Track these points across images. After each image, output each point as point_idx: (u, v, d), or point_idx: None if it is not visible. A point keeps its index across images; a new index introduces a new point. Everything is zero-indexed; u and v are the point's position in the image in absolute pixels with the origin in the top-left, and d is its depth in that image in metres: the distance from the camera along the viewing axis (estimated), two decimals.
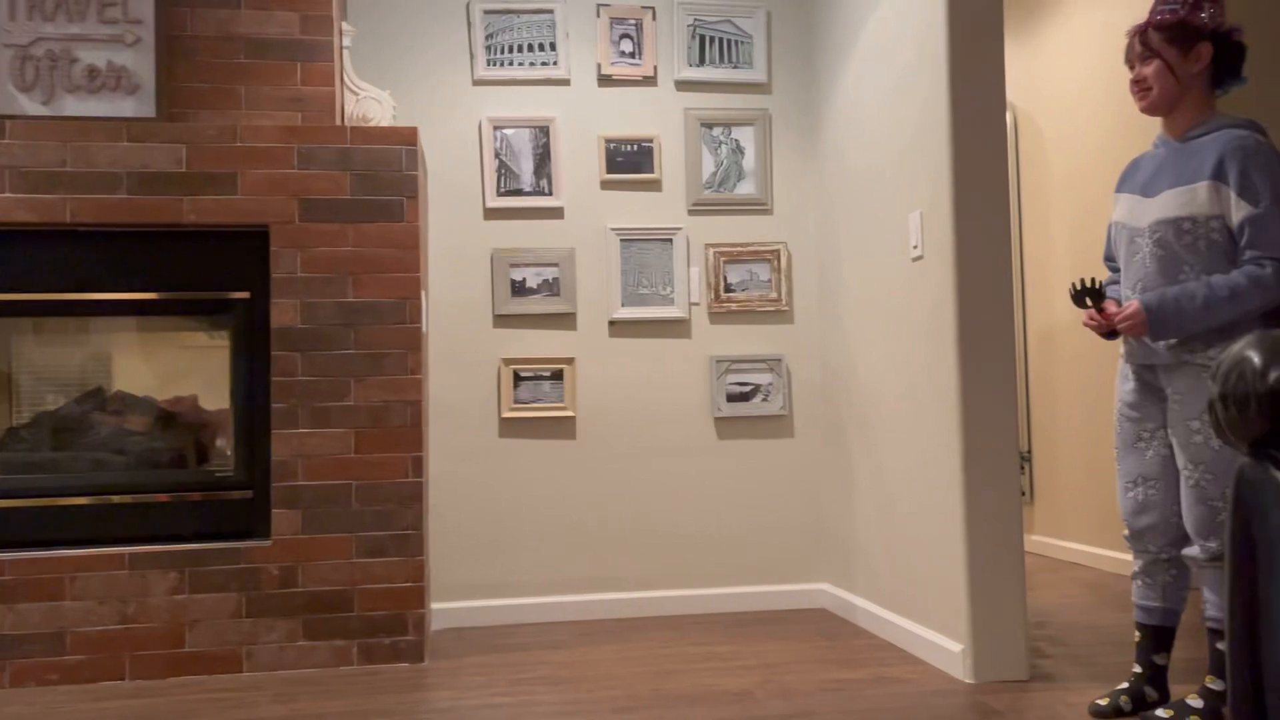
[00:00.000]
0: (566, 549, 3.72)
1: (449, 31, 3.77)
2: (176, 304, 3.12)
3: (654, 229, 3.80)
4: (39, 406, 3.19)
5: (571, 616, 3.69)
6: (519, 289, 3.73)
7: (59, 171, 3.01)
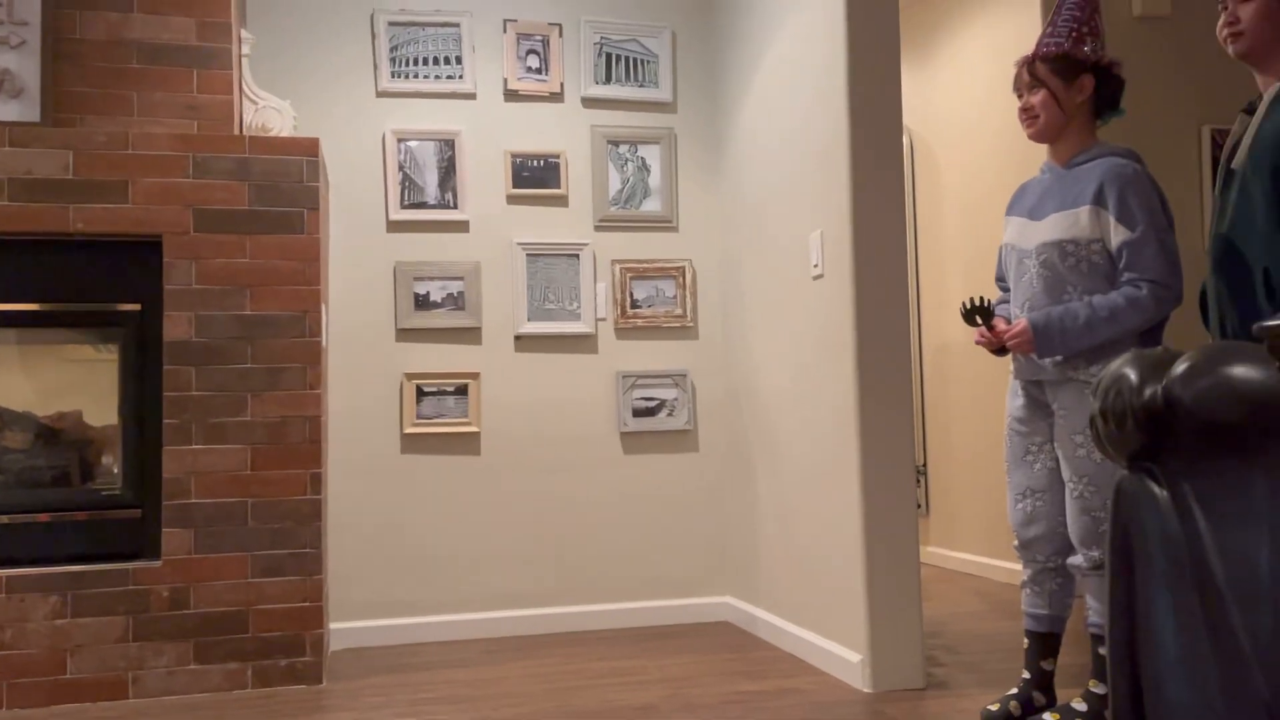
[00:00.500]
0: (470, 566, 3.68)
1: (352, 42, 3.72)
2: (62, 316, 3.00)
3: (561, 244, 3.80)
4: None
5: (475, 634, 3.65)
6: (422, 303, 3.69)
7: None
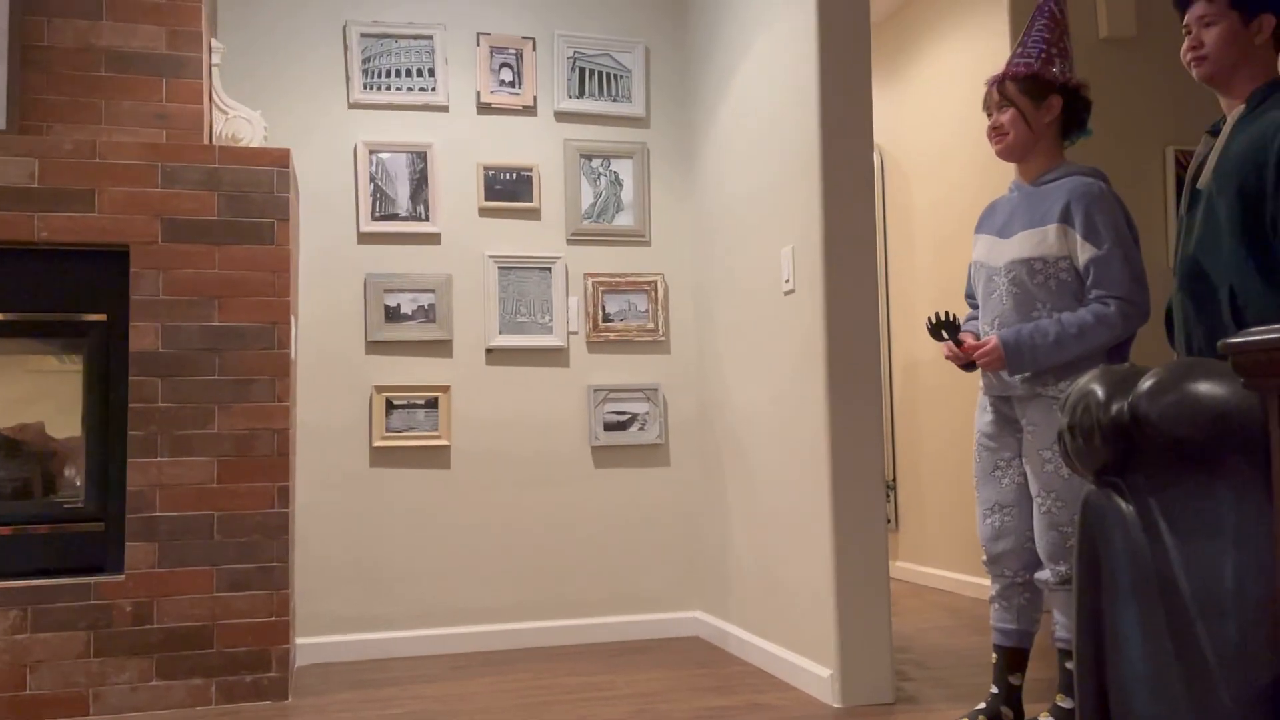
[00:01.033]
0: (439, 580, 3.65)
1: (325, 53, 3.70)
2: (25, 326, 2.96)
3: (533, 257, 3.80)
4: None
5: (444, 649, 3.62)
6: (393, 315, 3.67)
7: None
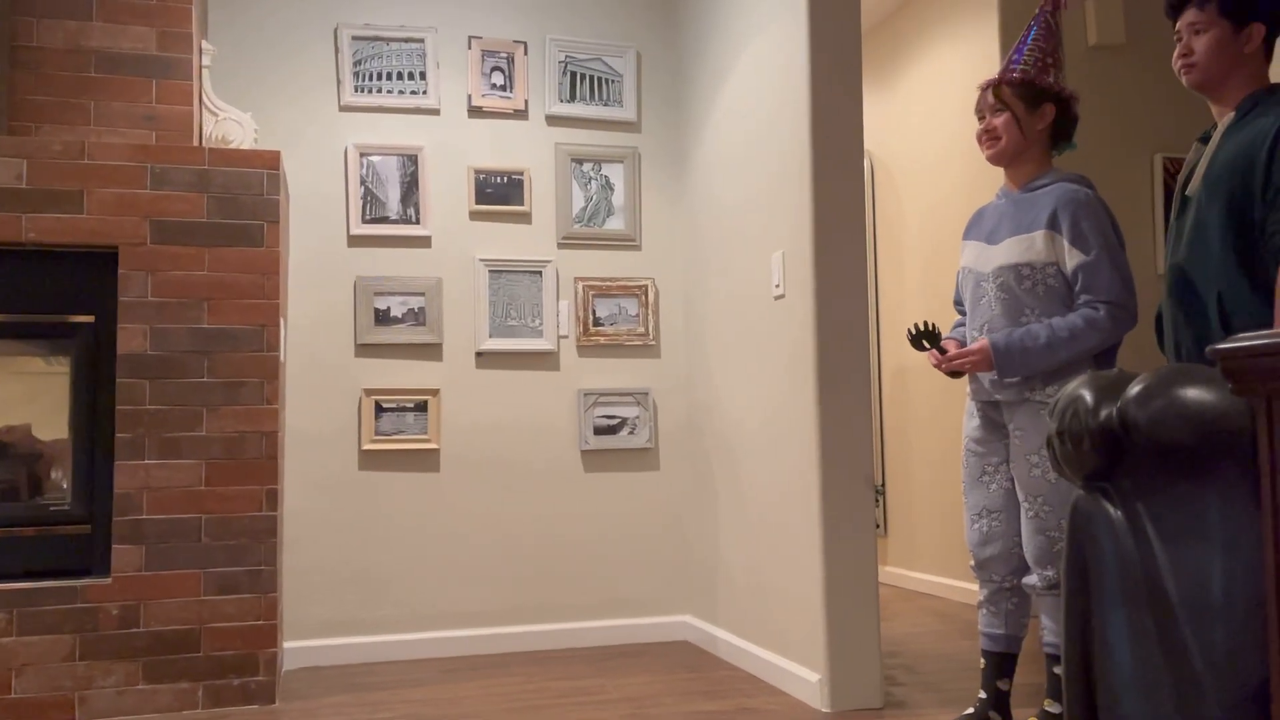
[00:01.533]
0: (429, 584, 3.64)
1: (316, 56, 3.69)
2: (12, 327, 2.94)
3: (523, 261, 3.80)
4: None
5: (434, 653, 3.61)
6: (383, 318, 3.66)
7: None
